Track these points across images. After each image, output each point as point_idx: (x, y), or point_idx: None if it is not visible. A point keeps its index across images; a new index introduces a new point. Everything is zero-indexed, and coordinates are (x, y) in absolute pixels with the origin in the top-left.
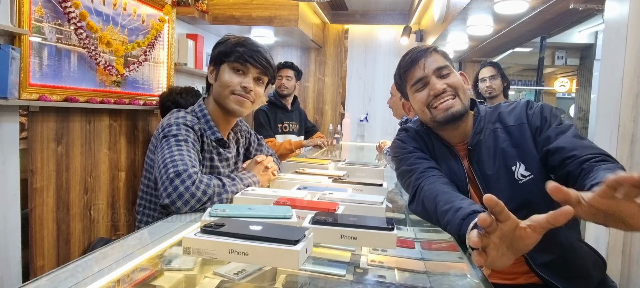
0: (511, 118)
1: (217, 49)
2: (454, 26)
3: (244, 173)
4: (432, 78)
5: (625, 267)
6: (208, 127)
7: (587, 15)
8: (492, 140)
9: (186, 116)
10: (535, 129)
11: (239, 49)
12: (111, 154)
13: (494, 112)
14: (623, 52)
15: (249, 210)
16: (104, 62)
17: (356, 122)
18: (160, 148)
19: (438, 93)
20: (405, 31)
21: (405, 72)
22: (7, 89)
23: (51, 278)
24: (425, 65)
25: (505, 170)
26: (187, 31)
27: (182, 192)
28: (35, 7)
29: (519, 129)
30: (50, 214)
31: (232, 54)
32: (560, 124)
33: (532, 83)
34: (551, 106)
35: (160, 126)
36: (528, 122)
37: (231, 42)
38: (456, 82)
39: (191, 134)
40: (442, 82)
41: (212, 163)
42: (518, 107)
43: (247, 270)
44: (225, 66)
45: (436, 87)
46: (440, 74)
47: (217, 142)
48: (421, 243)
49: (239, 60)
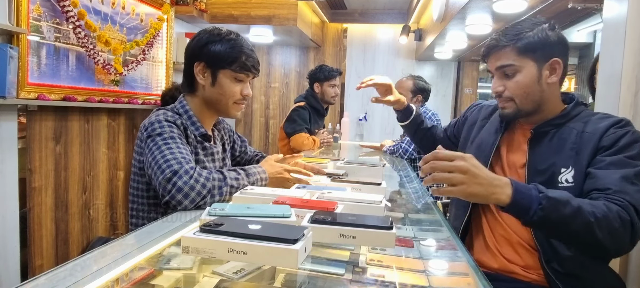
0: (592, 126)
1: (209, 48)
2: (452, 25)
3: (253, 167)
4: (495, 76)
5: (624, 266)
6: (191, 123)
7: (586, 15)
8: (563, 136)
9: (167, 113)
10: (602, 148)
11: (241, 57)
12: (110, 153)
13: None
14: (621, 52)
15: (248, 209)
16: (102, 61)
17: (355, 122)
18: (148, 149)
19: (496, 94)
20: (404, 30)
21: (482, 60)
22: (5, 88)
23: (50, 277)
24: (490, 62)
25: (554, 167)
26: (186, 30)
27: (181, 187)
28: (33, 5)
29: (590, 138)
30: (49, 213)
31: (234, 62)
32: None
33: None
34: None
35: (143, 126)
36: (601, 136)
37: (228, 46)
38: (515, 86)
39: (175, 129)
40: (502, 83)
41: (197, 158)
42: (608, 121)
43: (246, 269)
44: (226, 73)
45: (494, 87)
46: (504, 73)
47: (202, 137)
48: (420, 242)
49: (244, 70)
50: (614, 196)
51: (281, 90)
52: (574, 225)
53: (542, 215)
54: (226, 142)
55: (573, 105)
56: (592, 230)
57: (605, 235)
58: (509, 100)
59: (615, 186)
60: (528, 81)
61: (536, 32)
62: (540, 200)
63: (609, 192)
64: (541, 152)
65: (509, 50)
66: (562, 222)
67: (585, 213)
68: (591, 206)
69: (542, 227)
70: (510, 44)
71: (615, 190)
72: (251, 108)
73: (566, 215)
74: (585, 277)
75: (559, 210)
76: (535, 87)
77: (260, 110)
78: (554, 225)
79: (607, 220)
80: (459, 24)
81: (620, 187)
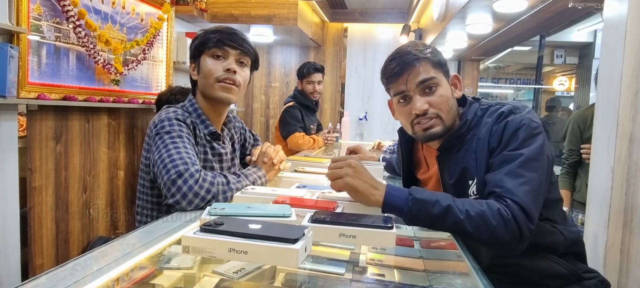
0: (483, 128)
1: (193, 44)
2: (453, 25)
3: (249, 169)
4: (415, 95)
5: (624, 265)
6: (200, 121)
7: (586, 14)
8: (466, 147)
9: (177, 111)
10: (491, 149)
11: (214, 35)
12: (110, 153)
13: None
14: (622, 51)
15: (248, 209)
16: (102, 60)
17: (355, 121)
18: (155, 146)
19: (420, 113)
20: (405, 30)
21: (389, 81)
22: (5, 87)
23: (50, 277)
24: (408, 80)
25: (463, 182)
26: (186, 30)
27: (186, 192)
28: (33, 5)
29: (483, 144)
30: (49, 213)
31: (207, 42)
32: (515, 150)
33: (531, 82)
34: (521, 122)
35: (152, 123)
36: (489, 138)
37: (205, 33)
38: (440, 101)
39: (185, 128)
40: (425, 100)
41: (205, 158)
42: (491, 119)
43: (247, 269)
44: (204, 57)
45: (417, 106)
46: (424, 89)
47: (211, 135)
48: (420, 242)
49: (217, 45)
50: (501, 196)
51: (281, 90)
52: (445, 222)
53: (412, 216)
54: (236, 141)
55: (468, 107)
56: (463, 226)
57: (481, 232)
58: (434, 118)
59: (501, 187)
60: (448, 94)
61: (433, 49)
62: (409, 202)
63: (497, 193)
64: (449, 168)
65: (426, 63)
66: (432, 220)
67: (455, 212)
68: (468, 205)
69: (419, 224)
70: (427, 56)
71: (501, 191)
72: (251, 108)
73: (435, 215)
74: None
75: (427, 210)
76: (453, 102)
77: (260, 110)
78: (427, 223)
79: (483, 217)
80: (459, 24)
81: (505, 185)
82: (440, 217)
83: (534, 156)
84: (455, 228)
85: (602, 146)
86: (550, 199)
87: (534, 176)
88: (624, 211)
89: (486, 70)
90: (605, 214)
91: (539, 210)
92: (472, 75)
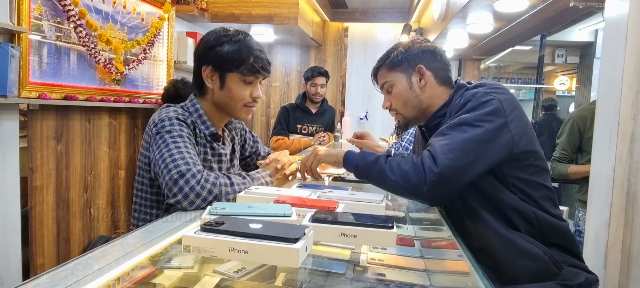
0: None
1: (216, 50)
2: (453, 24)
3: (258, 172)
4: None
5: (625, 265)
6: (201, 122)
7: (587, 13)
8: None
9: (177, 110)
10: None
11: (249, 58)
12: (111, 152)
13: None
14: (623, 50)
15: (249, 209)
16: (103, 60)
17: (356, 120)
18: (156, 145)
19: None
20: (405, 29)
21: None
22: (6, 87)
23: (51, 276)
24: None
25: None
26: (187, 29)
27: (187, 192)
28: (34, 5)
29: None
30: (50, 212)
31: (241, 64)
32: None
33: (531, 81)
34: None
35: (152, 122)
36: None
37: (235, 48)
38: (395, 99)
39: (185, 128)
40: (387, 99)
41: (205, 158)
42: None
43: (247, 268)
44: (234, 76)
45: (384, 105)
46: (387, 90)
47: (212, 136)
48: (421, 242)
49: (252, 73)
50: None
51: (282, 90)
52: (373, 170)
53: (355, 164)
54: (236, 143)
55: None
56: (385, 173)
57: (396, 176)
58: (396, 113)
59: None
60: (402, 91)
61: (399, 50)
62: (357, 155)
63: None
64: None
65: (382, 70)
66: (367, 168)
67: (380, 162)
68: (392, 158)
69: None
70: (382, 63)
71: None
72: None
73: (370, 161)
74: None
75: (366, 160)
76: (410, 94)
77: (261, 110)
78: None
79: (399, 165)
80: (460, 23)
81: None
82: (372, 164)
83: (468, 121)
84: (380, 175)
85: (603, 146)
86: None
87: (460, 135)
88: (625, 211)
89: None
90: (606, 214)
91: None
92: (473, 74)
